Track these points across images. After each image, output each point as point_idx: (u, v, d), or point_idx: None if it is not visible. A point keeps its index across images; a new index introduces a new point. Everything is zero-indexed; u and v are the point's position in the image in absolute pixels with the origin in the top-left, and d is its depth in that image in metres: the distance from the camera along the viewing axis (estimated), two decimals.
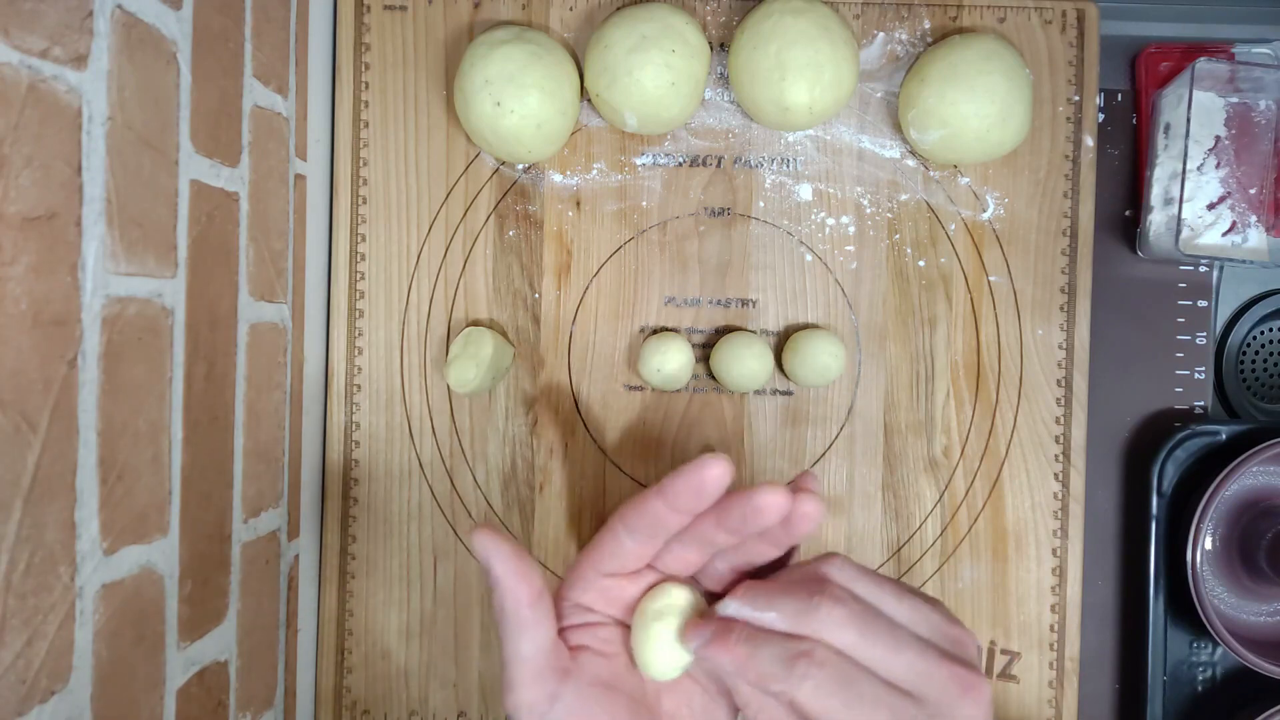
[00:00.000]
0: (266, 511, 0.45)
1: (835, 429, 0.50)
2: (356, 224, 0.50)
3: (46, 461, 0.29)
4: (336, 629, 0.50)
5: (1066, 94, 0.49)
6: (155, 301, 0.34)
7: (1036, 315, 0.49)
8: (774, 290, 0.49)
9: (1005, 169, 0.49)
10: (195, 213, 0.37)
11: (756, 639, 0.29)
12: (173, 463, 0.36)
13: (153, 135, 0.34)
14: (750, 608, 0.30)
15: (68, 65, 0.29)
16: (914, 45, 0.49)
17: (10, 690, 0.28)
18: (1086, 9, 0.49)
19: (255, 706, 0.44)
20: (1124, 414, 0.52)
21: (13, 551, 0.28)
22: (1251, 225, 0.49)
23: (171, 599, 0.36)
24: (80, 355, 0.30)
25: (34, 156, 0.28)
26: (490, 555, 0.30)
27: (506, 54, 0.44)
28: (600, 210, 0.49)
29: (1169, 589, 0.49)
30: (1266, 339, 0.53)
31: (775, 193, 0.49)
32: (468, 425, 0.50)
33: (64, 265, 0.29)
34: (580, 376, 0.50)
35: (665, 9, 0.45)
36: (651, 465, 0.50)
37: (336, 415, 0.50)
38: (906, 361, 0.49)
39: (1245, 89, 0.48)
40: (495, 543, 0.30)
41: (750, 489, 0.29)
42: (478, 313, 0.50)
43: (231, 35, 0.40)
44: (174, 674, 0.37)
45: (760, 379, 0.47)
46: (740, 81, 0.45)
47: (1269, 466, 0.50)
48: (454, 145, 0.49)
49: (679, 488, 0.29)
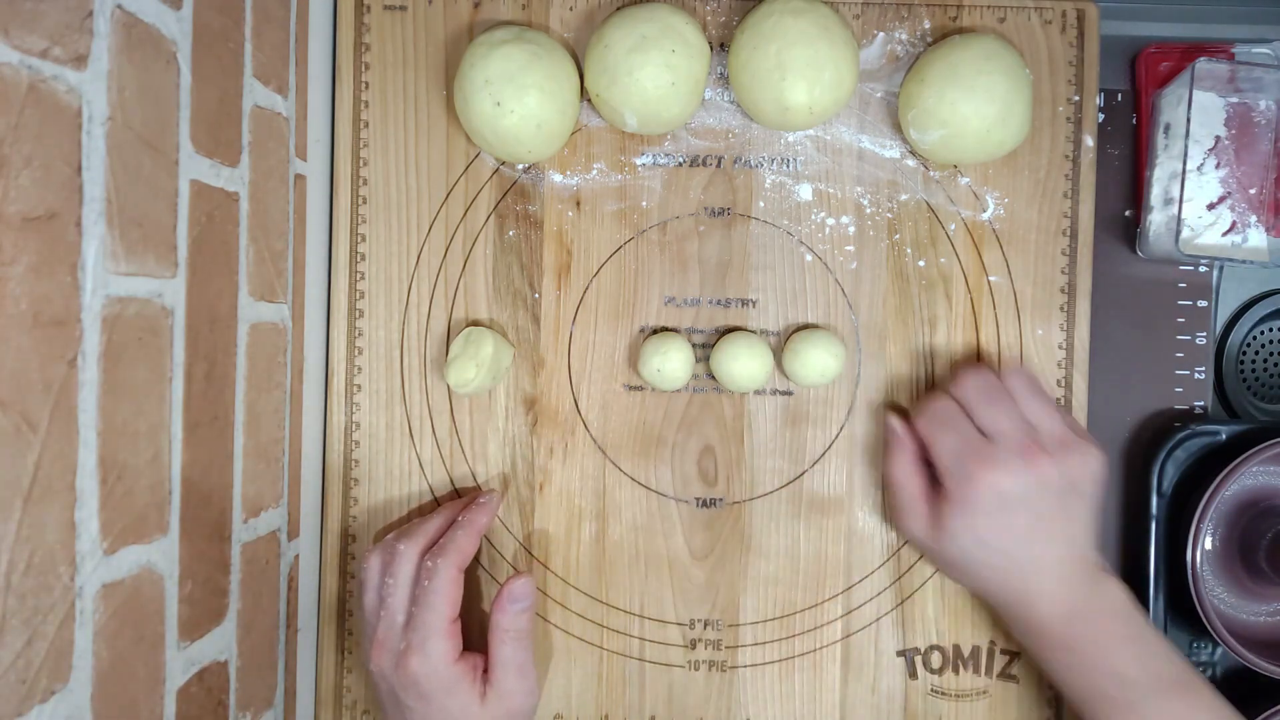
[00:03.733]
0: (266, 511, 0.45)
1: (835, 429, 0.50)
2: (356, 224, 0.50)
3: (46, 461, 0.29)
4: (336, 629, 0.50)
5: (1066, 94, 0.49)
6: (155, 301, 0.34)
7: (1036, 315, 0.49)
8: (774, 290, 0.49)
9: (1005, 169, 0.49)
10: (195, 213, 0.37)
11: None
12: (173, 463, 0.36)
13: (153, 135, 0.34)
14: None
15: (68, 65, 0.29)
16: (914, 45, 0.49)
17: (10, 690, 0.28)
18: (1086, 9, 0.49)
19: (255, 706, 0.44)
20: (1124, 414, 0.52)
21: (13, 551, 0.28)
22: (1251, 225, 0.49)
23: (171, 599, 0.36)
24: (80, 355, 0.30)
25: (34, 156, 0.28)
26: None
27: (506, 54, 0.44)
28: (600, 210, 0.49)
29: (1169, 589, 0.49)
30: (1266, 339, 0.53)
31: (775, 193, 0.49)
32: (468, 425, 0.50)
33: (64, 265, 0.29)
34: (580, 376, 0.50)
35: (665, 9, 0.45)
36: (651, 465, 0.50)
37: (336, 415, 0.50)
38: (906, 361, 0.49)
39: (1245, 89, 0.48)
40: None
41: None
42: (478, 313, 0.50)
43: (231, 35, 0.40)
44: (174, 674, 0.37)
45: (760, 379, 0.47)
46: (740, 81, 0.45)
47: (1269, 466, 0.50)
48: (454, 145, 0.49)
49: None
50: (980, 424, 0.44)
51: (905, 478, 0.46)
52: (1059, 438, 0.43)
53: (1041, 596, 0.43)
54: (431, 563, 0.43)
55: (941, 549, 0.44)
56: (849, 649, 0.50)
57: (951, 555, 0.44)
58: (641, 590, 0.50)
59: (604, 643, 0.50)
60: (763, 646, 0.50)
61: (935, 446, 0.44)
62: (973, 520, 0.43)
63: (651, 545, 0.50)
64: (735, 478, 0.50)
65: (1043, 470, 0.42)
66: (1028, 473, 0.42)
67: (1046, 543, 0.43)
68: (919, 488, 0.45)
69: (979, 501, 0.42)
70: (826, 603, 0.50)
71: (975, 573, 0.44)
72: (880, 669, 0.50)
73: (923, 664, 0.50)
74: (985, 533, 0.43)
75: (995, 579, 0.44)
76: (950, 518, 0.43)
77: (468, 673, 0.42)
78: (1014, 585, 0.43)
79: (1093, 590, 0.43)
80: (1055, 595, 0.42)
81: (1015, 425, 0.43)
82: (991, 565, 0.43)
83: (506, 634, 0.43)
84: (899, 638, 0.50)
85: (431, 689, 0.41)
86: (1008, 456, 0.42)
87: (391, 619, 0.43)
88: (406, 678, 0.42)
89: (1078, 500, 0.43)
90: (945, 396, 0.45)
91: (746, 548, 0.50)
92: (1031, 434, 0.43)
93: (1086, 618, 0.42)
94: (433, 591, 0.42)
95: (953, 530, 0.43)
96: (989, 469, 0.42)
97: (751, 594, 0.50)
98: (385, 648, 0.43)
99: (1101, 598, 0.43)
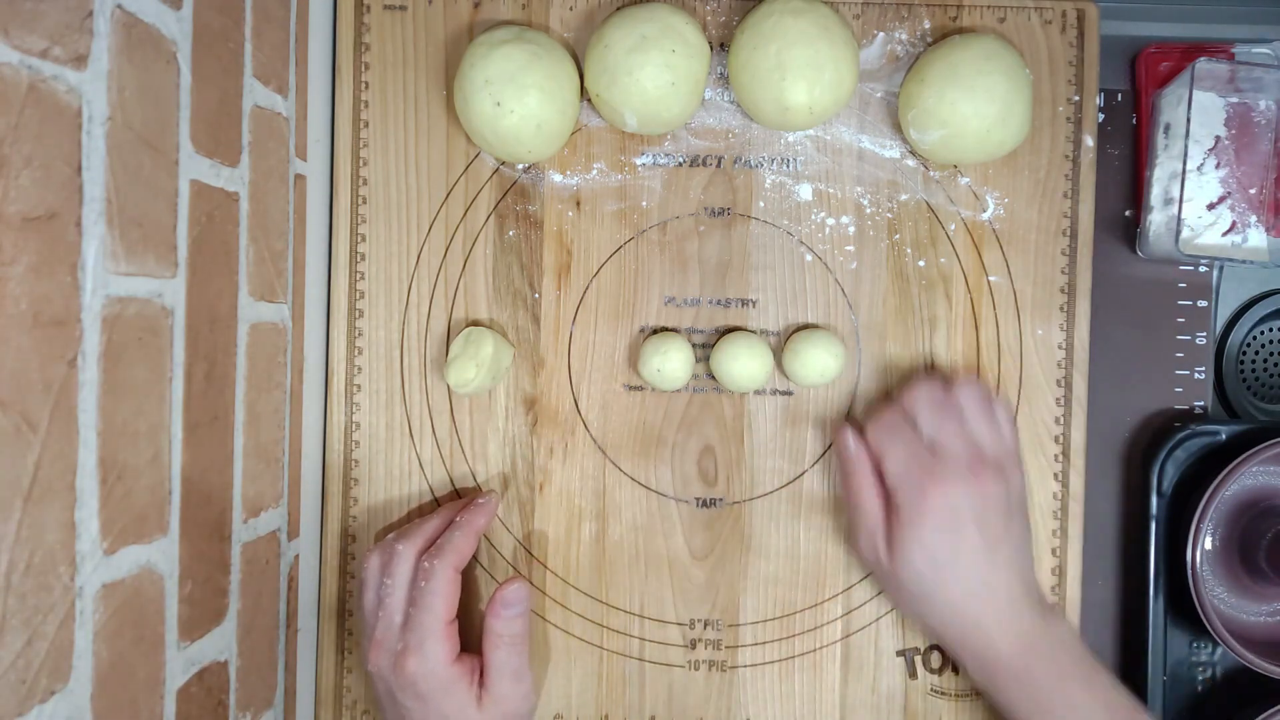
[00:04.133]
0: (266, 511, 0.45)
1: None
2: (356, 224, 0.50)
3: (46, 461, 0.29)
4: (336, 629, 0.50)
5: (1066, 94, 0.49)
6: (155, 301, 0.34)
7: (1036, 315, 0.49)
8: (774, 290, 0.49)
9: (1005, 169, 0.49)
10: (195, 213, 0.37)
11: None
12: (173, 463, 0.36)
13: (153, 135, 0.34)
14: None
15: (68, 65, 0.29)
16: (914, 45, 0.49)
17: (10, 690, 0.28)
18: (1086, 9, 0.49)
19: (255, 706, 0.44)
20: (1124, 414, 0.52)
21: (13, 551, 0.28)
22: (1251, 225, 0.49)
23: (171, 599, 0.36)
24: (80, 355, 0.30)
25: (34, 156, 0.28)
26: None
27: (506, 54, 0.44)
28: (600, 210, 0.49)
29: (1169, 589, 0.49)
30: (1266, 339, 0.53)
31: (775, 193, 0.49)
32: (468, 425, 0.50)
33: (64, 265, 0.29)
34: (580, 376, 0.50)
35: (665, 9, 0.45)
36: (651, 465, 0.50)
37: (336, 415, 0.50)
38: (906, 362, 0.49)
39: (1245, 89, 0.48)
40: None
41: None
42: (478, 313, 0.50)
43: (231, 35, 0.40)
44: (174, 674, 0.37)
45: (760, 379, 0.47)
46: (740, 81, 0.45)
47: (1269, 466, 0.50)
48: (454, 145, 0.49)
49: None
50: (927, 437, 0.43)
51: (861, 496, 0.45)
52: (1001, 455, 0.43)
53: (998, 627, 0.42)
54: (428, 564, 0.43)
55: (895, 572, 0.43)
56: (849, 649, 0.50)
57: (906, 578, 0.43)
58: (641, 590, 0.50)
59: (604, 643, 0.50)
60: (763, 646, 0.50)
61: (885, 460, 0.44)
62: (924, 535, 0.42)
63: (651, 545, 0.50)
64: (735, 478, 0.50)
65: (987, 487, 0.42)
66: (975, 487, 0.42)
67: (997, 568, 0.42)
68: (876, 506, 0.44)
69: (930, 515, 0.42)
70: (826, 602, 0.50)
71: (930, 600, 0.43)
72: (880, 669, 0.50)
73: (922, 664, 0.50)
74: (937, 550, 0.42)
75: (950, 608, 0.43)
76: (902, 534, 0.43)
77: (465, 675, 0.42)
78: (970, 616, 0.42)
79: (1045, 622, 0.43)
80: (1010, 627, 0.42)
81: (962, 440, 0.43)
82: (946, 590, 0.42)
83: (500, 639, 0.43)
84: (899, 637, 0.50)
85: (428, 690, 0.41)
86: (956, 471, 0.42)
87: (389, 619, 0.43)
88: (404, 678, 0.42)
89: (1020, 521, 0.44)
90: (895, 408, 0.45)
91: (746, 548, 0.50)
92: (977, 449, 0.43)
93: (1040, 650, 0.42)
94: (429, 593, 0.42)
95: (906, 549, 0.42)
96: (938, 482, 0.42)
97: (751, 594, 0.50)
98: (383, 648, 0.43)
99: (1053, 628, 0.43)
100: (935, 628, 0.44)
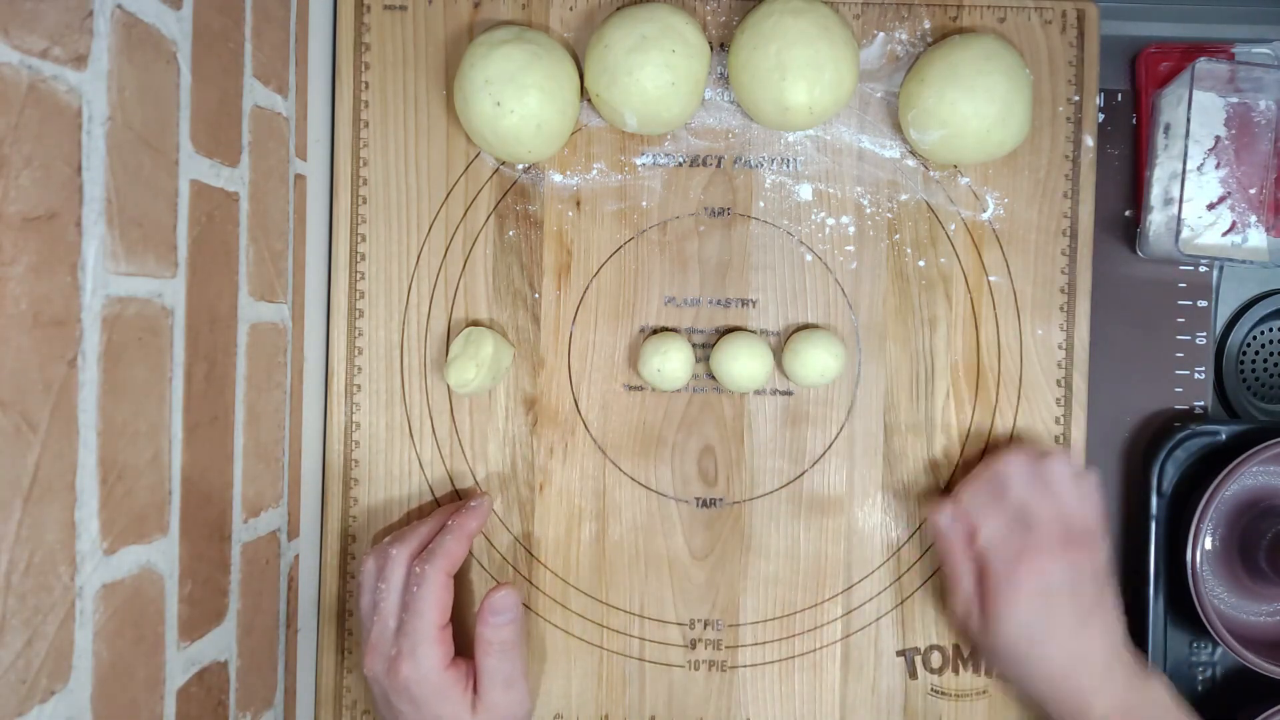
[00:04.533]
0: (266, 511, 0.45)
1: (835, 429, 0.50)
2: (356, 224, 0.50)
3: (46, 461, 0.29)
4: (336, 629, 0.50)
5: (1066, 94, 0.49)
6: (155, 301, 0.34)
7: (1036, 315, 0.49)
8: (774, 290, 0.49)
9: (1005, 169, 0.49)
10: (195, 213, 0.37)
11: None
12: (173, 463, 0.36)
13: (153, 135, 0.34)
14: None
15: (68, 65, 0.29)
16: (914, 45, 0.49)
17: (10, 690, 0.28)
18: (1086, 9, 0.49)
19: (255, 706, 0.44)
20: (1124, 414, 0.52)
21: (13, 551, 0.28)
22: (1251, 225, 0.49)
23: (171, 599, 0.36)
24: (80, 355, 0.30)
25: (34, 156, 0.28)
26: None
27: (506, 54, 0.44)
28: (600, 210, 0.49)
29: (1169, 589, 0.49)
30: (1266, 339, 0.53)
31: (775, 193, 0.49)
32: (468, 425, 0.50)
33: (64, 265, 0.29)
34: (580, 376, 0.50)
35: (665, 9, 0.45)
36: (651, 465, 0.50)
37: (336, 415, 0.50)
38: (906, 361, 0.49)
39: (1245, 89, 0.48)
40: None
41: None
42: (478, 313, 0.50)
43: (231, 35, 0.40)
44: (174, 674, 0.37)
45: (760, 379, 0.47)
46: (740, 81, 0.45)
47: (1269, 466, 0.50)
48: (454, 145, 0.49)
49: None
50: (1018, 509, 0.44)
51: (957, 571, 0.45)
52: (1090, 527, 0.44)
53: (1097, 694, 0.42)
54: (420, 568, 0.43)
55: (991, 641, 0.44)
56: (849, 649, 0.50)
57: (1001, 647, 0.43)
58: (641, 590, 0.50)
59: (604, 643, 0.50)
60: (763, 646, 0.50)
61: (980, 531, 0.45)
62: (1017, 609, 0.42)
63: (651, 545, 0.50)
64: (735, 478, 0.50)
65: (1079, 559, 0.43)
66: (1067, 561, 0.43)
67: (1092, 639, 0.42)
68: (970, 581, 0.45)
69: (1023, 588, 0.42)
70: (826, 603, 0.50)
71: (1026, 668, 0.43)
72: (880, 669, 0.50)
73: (923, 664, 0.50)
74: (1032, 623, 0.42)
75: (1047, 680, 0.43)
76: (996, 606, 0.43)
77: (459, 680, 0.42)
78: (1068, 686, 0.42)
79: (1144, 686, 0.43)
80: (1107, 695, 0.42)
81: (1053, 512, 0.44)
82: (1043, 663, 0.43)
83: (491, 646, 0.43)
84: (899, 637, 0.50)
85: (422, 695, 0.41)
86: (1048, 545, 0.43)
87: (384, 624, 0.43)
88: (398, 683, 0.42)
89: (1109, 590, 0.44)
90: (988, 479, 0.46)
91: (746, 548, 0.50)
92: (1067, 522, 0.44)
93: (1139, 715, 0.42)
94: (421, 598, 0.42)
95: (1001, 621, 0.43)
96: (1031, 556, 0.43)
97: (751, 594, 0.50)
98: (378, 652, 0.43)
99: (1150, 691, 0.43)
100: (1033, 695, 0.44)
